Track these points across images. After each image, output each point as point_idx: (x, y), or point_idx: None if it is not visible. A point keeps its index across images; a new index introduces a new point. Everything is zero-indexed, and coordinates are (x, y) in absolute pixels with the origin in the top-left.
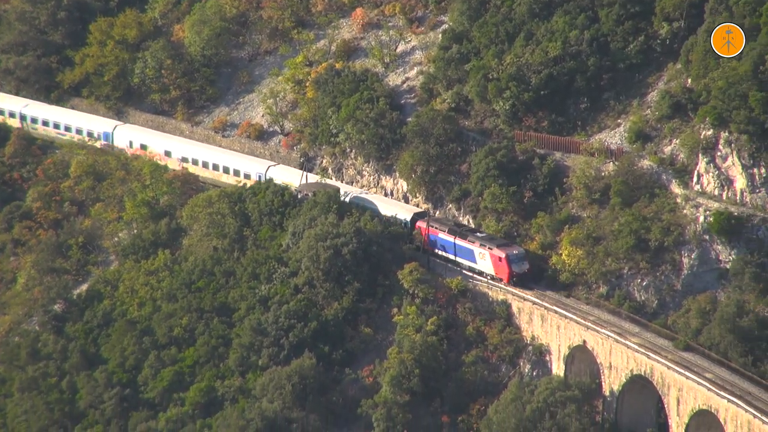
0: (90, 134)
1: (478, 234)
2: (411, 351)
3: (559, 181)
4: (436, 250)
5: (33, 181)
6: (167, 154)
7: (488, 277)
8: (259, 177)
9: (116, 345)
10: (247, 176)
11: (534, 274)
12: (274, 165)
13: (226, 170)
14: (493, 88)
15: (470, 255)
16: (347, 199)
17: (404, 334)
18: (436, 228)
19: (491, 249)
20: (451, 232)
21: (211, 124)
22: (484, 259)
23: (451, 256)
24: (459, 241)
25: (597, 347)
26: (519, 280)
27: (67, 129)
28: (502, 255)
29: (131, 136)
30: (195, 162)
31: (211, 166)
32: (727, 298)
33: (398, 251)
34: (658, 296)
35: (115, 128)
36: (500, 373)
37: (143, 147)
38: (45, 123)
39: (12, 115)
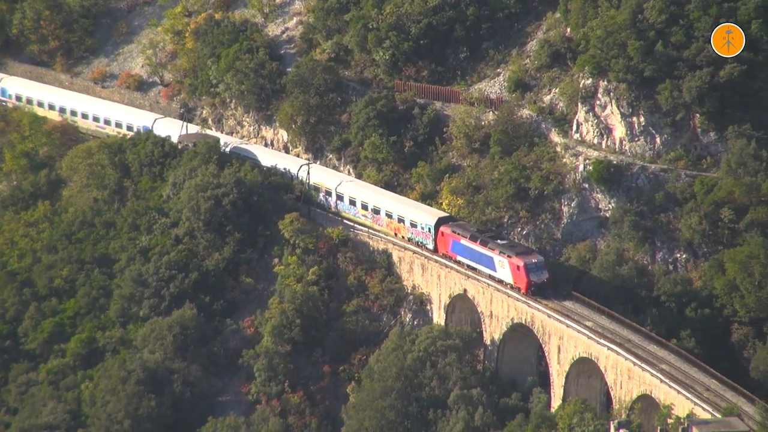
0: None
1: (498, 241)
2: (292, 301)
3: (440, 130)
4: (458, 257)
5: None
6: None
7: (508, 287)
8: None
9: None
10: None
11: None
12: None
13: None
14: (372, 38)
15: (490, 263)
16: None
17: (285, 284)
18: (458, 234)
19: (510, 257)
20: (472, 238)
21: (91, 75)
22: (503, 268)
23: (473, 264)
24: (479, 248)
25: (478, 296)
26: (537, 290)
27: None
28: (521, 264)
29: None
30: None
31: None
32: (606, 247)
33: (279, 201)
34: (539, 244)
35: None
36: (381, 322)
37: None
38: None
39: None
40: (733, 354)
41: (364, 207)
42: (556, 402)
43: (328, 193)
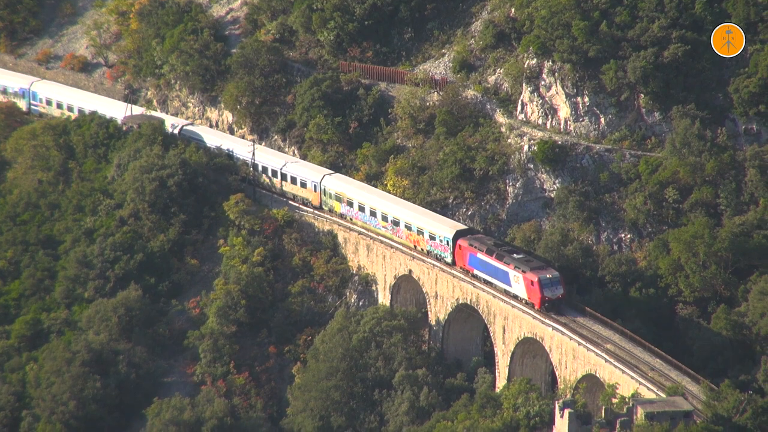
0: None
1: (515, 255)
2: (237, 282)
3: (384, 111)
4: (475, 272)
5: None
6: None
7: (523, 302)
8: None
9: None
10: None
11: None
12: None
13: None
14: (317, 19)
15: (505, 278)
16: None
17: (230, 265)
18: (475, 247)
19: (524, 272)
20: (488, 252)
21: (35, 57)
22: (518, 283)
23: (490, 279)
24: (495, 262)
25: (423, 276)
26: (551, 306)
27: None
28: (535, 279)
29: None
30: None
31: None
32: (551, 227)
33: (224, 182)
34: (483, 225)
35: None
36: (326, 303)
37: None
38: None
39: None
40: (677, 334)
41: (384, 218)
42: (501, 382)
43: (350, 203)
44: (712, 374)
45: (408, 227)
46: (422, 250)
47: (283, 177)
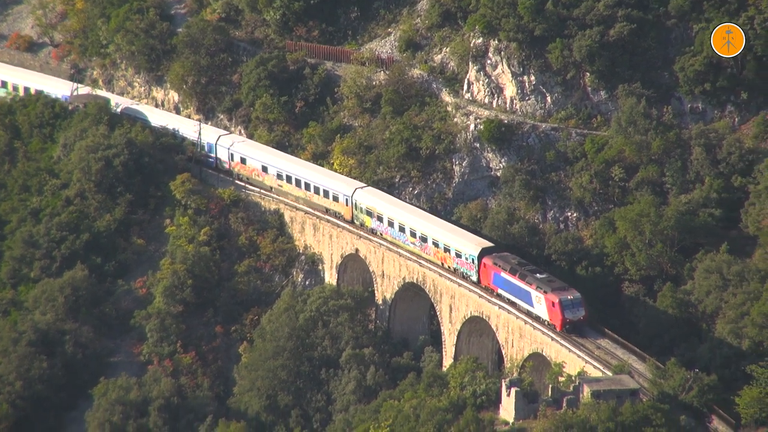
0: None
1: (537, 275)
2: (184, 262)
3: (331, 90)
4: (499, 291)
5: None
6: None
7: (545, 323)
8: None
9: None
10: None
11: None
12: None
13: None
14: None
15: (528, 298)
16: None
17: (177, 244)
18: (499, 266)
19: (546, 293)
20: (512, 271)
21: None
22: (540, 304)
23: (514, 299)
24: (518, 282)
25: (369, 256)
26: (572, 328)
27: None
28: (556, 300)
29: None
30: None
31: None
32: (497, 206)
33: (170, 162)
34: (430, 204)
35: None
36: (273, 282)
37: None
38: None
39: None
40: (623, 312)
41: (413, 234)
42: (447, 361)
43: (380, 218)
44: (658, 352)
45: (435, 244)
46: (449, 267)
47: (307, 186)
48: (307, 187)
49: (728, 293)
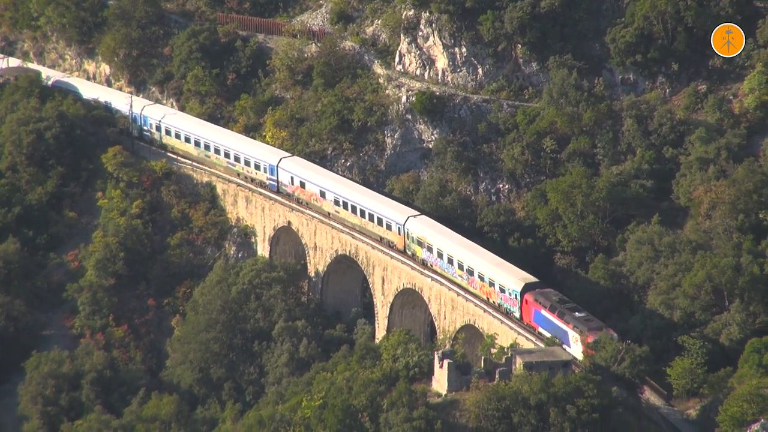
0: None
1: (576, 314)
2: (116, 234)
3: (262, 63)
4: (540, 329)
5: None
6: None
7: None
8: None
9: None
10: None
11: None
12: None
13: None
14: None
15: (566, 338)
16: None
17: (109, 217)
18: (539, 303)
19: (582, 333)
20: (551, 309)
21: None
22: (576, 344)
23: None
24: (557, 321)
25: (302, 228)
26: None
27: None
28: (590, 340)
29: None
30: None
31: None
32: (429, 178)
33: (102, 135)
34: (362, 176)
35: None
36: (205, 255)
37: None
38: None
39: None
40: (555, 283)
41: (460, 267)
42: (380, 333)
43: (430, 249)
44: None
45: (481, 277)
46: (494, 303)
47: (354, 210)
48: (344, 205)
49: (660, 264)
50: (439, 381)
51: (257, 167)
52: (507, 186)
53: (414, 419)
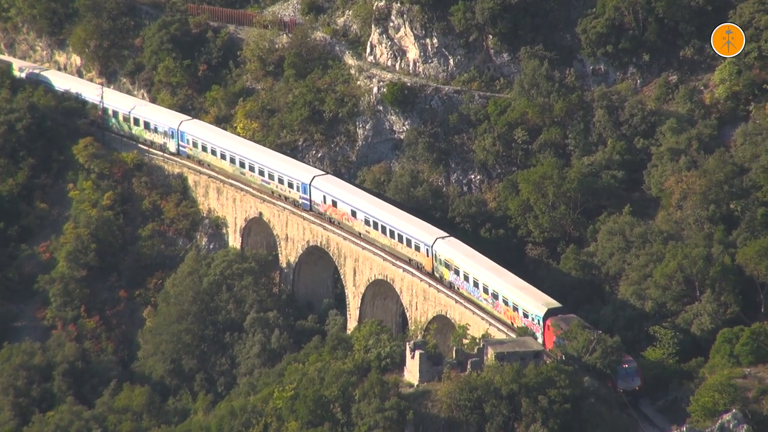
0: None
1: None
2: (87, 226)
3: (233, 53)
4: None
5: None
6: None
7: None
8: None
9: None
10: None
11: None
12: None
13: None
14: None
15: None
16: None
17: (80, 209)
18: (561, 329)
19: None
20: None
21: None
22: None
23: None
24: None
25: (273, 219)
26: (627, 398)
27: None
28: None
29: None
30: None
31: None
32: (401, 169)
33: (73, 126)
34: (334, 167)
35: None
36: (177, 246)
37: None
38: None
39: None
40: (527, 274)
41: (485, 290)
42: (352, 324)
43: (456, 272)
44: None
45: (505, 301)
46: (518, 328)
47: (383, 230)
48: (370, 224)
49: (631, 255)
50: (411, 372)
51: (290, 185)
52: (478, 177)
53: (386, 410)
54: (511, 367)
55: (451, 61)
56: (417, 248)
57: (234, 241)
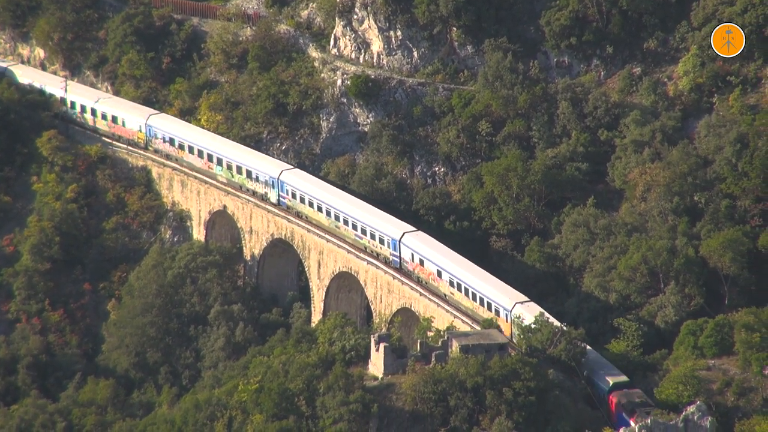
0: None
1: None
2: (51, 219)
3: (197, 46)
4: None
5: None
6: None
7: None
8: None
9: None
10: None
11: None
12: None
13: None
14: None
15: None
16: None
17: (44, 202)
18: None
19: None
20: (629, 413)
21: None
22: None
23: None
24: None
25: (237, 212)
26: None
27: None
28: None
29: None
30: None
31: None
32: (365, 161)
33: (37, 119)
34: (298, 159)
35: None
36: (141, 239)
37: None
38: None
39: None
40: (492, 266)
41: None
42: (316, 317)
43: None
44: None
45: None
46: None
47: (466, 293)
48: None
49: (595, 247)
50: (376, 364)
51: (381, 241)
52: (443, 169)
53: (350, 403)
54: (475, 360)
55: (415, 54)
56: (490, 308)
57: (198, 234)
